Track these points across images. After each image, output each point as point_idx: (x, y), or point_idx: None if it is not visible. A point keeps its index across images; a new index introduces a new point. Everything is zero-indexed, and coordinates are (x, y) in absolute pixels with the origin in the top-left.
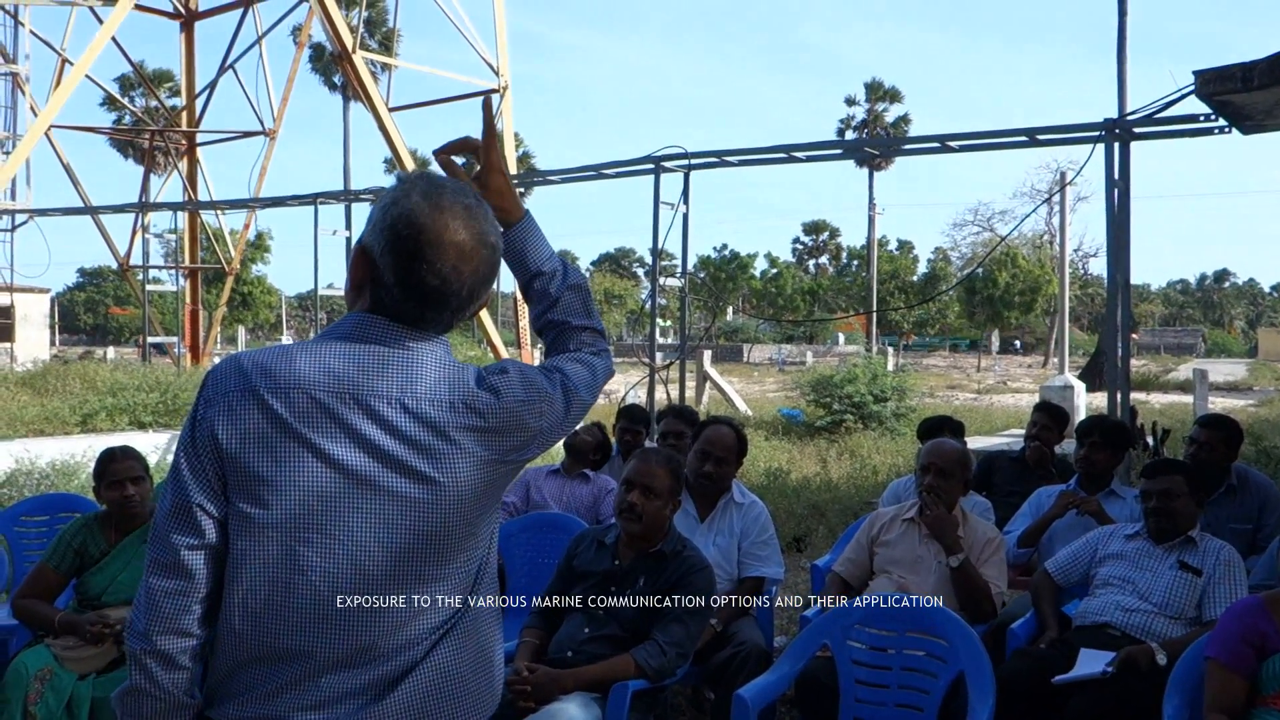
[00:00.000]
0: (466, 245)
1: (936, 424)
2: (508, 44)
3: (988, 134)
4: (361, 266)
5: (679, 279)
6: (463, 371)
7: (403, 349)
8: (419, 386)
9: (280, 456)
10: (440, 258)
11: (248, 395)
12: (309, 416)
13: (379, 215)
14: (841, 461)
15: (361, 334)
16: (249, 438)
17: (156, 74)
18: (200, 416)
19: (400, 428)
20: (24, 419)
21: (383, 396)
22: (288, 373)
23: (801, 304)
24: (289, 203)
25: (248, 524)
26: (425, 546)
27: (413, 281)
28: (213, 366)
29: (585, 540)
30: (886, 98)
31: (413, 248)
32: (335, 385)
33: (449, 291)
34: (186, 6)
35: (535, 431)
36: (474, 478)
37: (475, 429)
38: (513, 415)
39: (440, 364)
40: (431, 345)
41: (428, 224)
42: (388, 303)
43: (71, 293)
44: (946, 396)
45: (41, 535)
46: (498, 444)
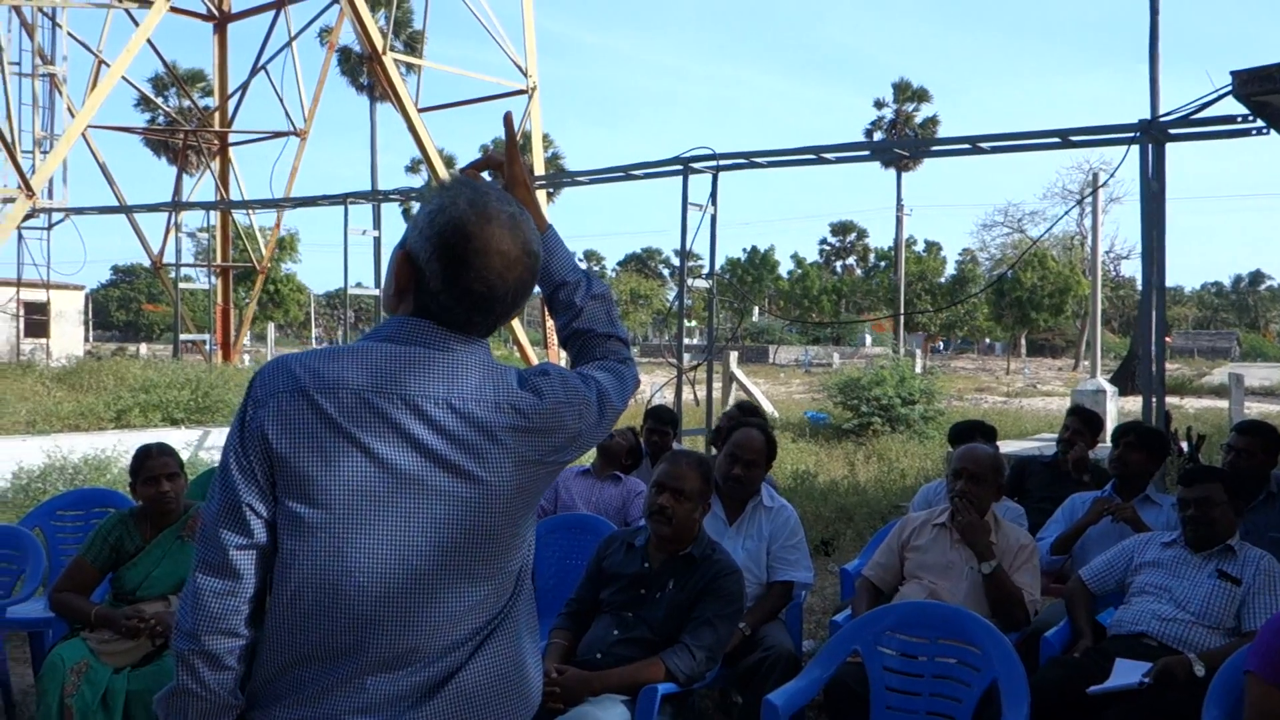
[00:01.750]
0: (511, 253)
1: (968, 429)
2: (536, 45)
3: (1020, 135)
4: (406, 272)
5: (706, 280)
6: (505, 373)
7: (447, 351)
8: (464, 387)
9: (330, 456)
10: (487, 266)
11: (297, 396)
12: (357, 416)
13: (425, 222)
14: (869, 464)
15: (407, 336)
16: (299, 437)
17: (189, 74)
18: (249, 418)
19: (447, 427)
20: (59, 414)
21: (429, 397)
22: (336, 373)
23: (828, 305)
24: (319, 202)
25: (297, 524)
26: (471, 545)
27: (460, 288)
28: (260, 368)
29: (615, 542)
30: (915, 98)
31: (461, 255)
32: (383, 385)
33: (495, 298)
34: (219, 9)
35: (574, 433)
36: (517, 477)
37: (519, 429)
38: (554, 416)
39: (483, 366)
40: (474, 348)
41: (475, 232)
42: (433, 308)
43: (105, 290)
44: (975, 399)
45: (77, 529)
46: (539, 444)
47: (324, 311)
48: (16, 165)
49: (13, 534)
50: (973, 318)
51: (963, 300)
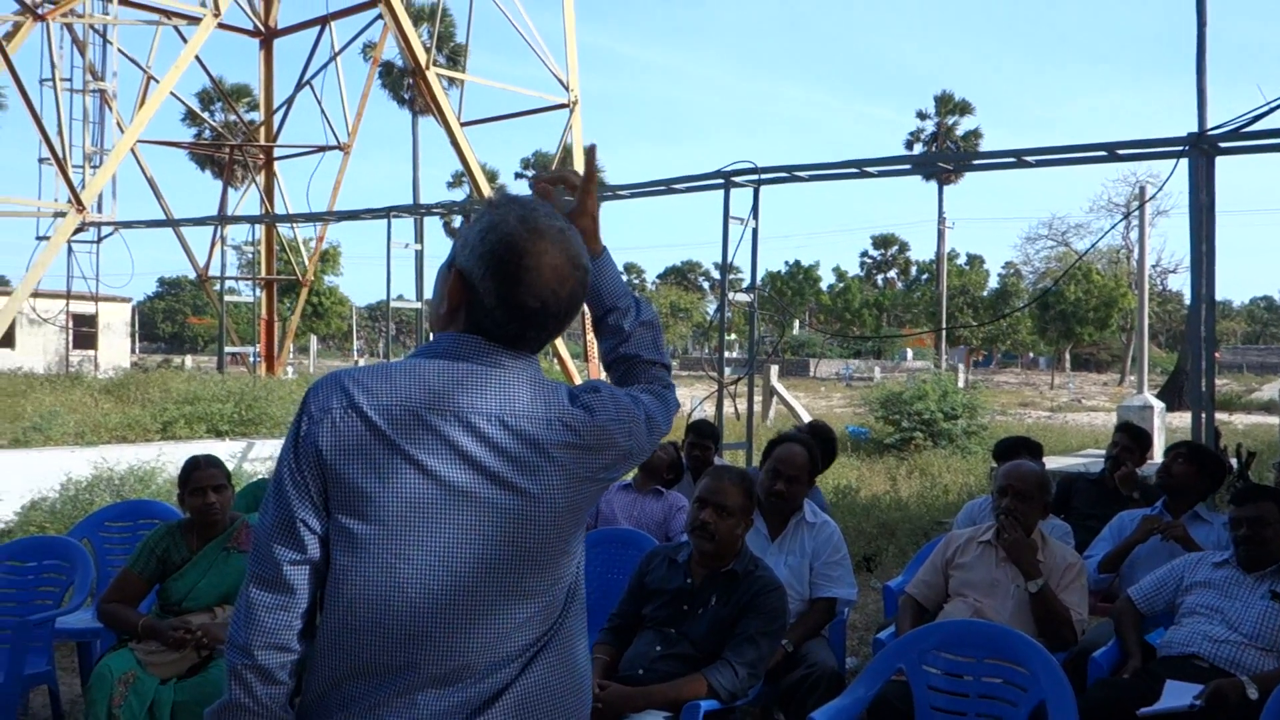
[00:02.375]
0: (563, 268)
1: (1013, 445)
2: (577, 59)
3: (1065, 149)
4: (459, 290)
5: (747, 294)
6: (556, 389)
7: (499, 368)
8: (516, 403)
9: (383, 472)
10: (540, 280)
11: (351, 412)
12: (411, 432)
13: (476, 240)
14: (911, 480)
15: (460, 353)
16: (353, 453)
17: (236, 89)
18: (304, 433)
19: (500, 443)
20: (107, 426)
21: (482, 413)
22: (389, 389)
23: (869, 318)
24: (362, 216)
25: (349, 539)
26: (522, 561)
27: (514, 303)
28: (313, 384)
29: (657, 558)
30: (957, 110)
31: (514, 271)
32: (436, 402)
33: (548, 312)
34: (266, 24)
35: (624, 451)
36: (568, 493)
37: (570, 445)
38: (605, 433)
39: (534, 382)
40: (525, 364)
41: (528, 248)
42: (486, 324)
43: (151, 302)
44: (1019, 414)
45: (124, 540)
46: (590, 461)
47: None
48: (67, 180)
49: (62, 545)
50: (1016, 331)
51: (1007, 315)
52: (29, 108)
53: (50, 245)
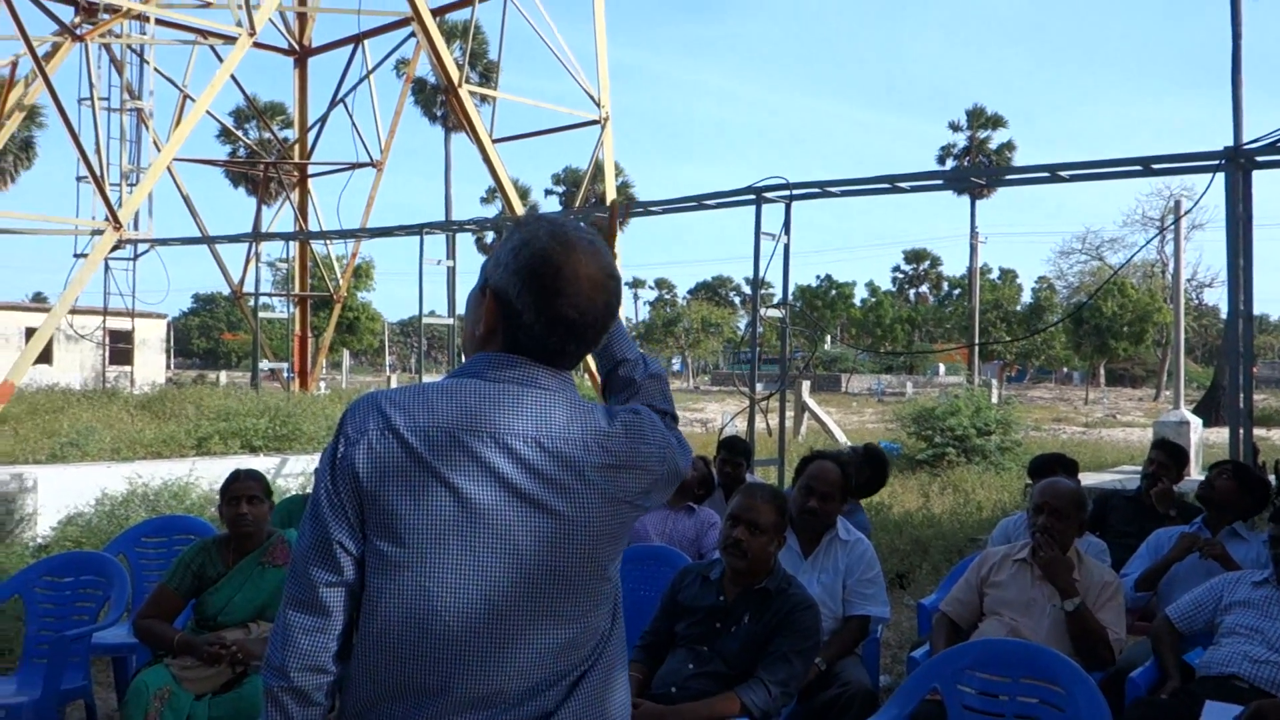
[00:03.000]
0: (598, 277)
1: (1048, 462)
2: (609, 76)
3: (1100, 163)
4: (495, 311)
5: (779, 309)
6: (592, 410)
7: (536, 388)
8: (553, 424)
9: (418, 494)
10: (578, 291)
11: (388, 434)
12: (448, 454)
13: (509, 258)
14: (944, 496)
15: (497, 373)
16: (389, 475)
17: (270, 107)
18: (341, 455)
19: (536, 465)
20: (142, 441)
21: (518, 434)
22: (426, 411)
23: (901, 333)
24: (396, 233)
25: (384, 561)
26: (558, 585)
27: (554, 316)
28: (349, 406)
29: (690, 575)
30: (989, 124)
31: (552, 284)
32: (473, 423)
33: (586, 323)
34: (300, 43)
35: (658, 476)
36: (604, 516)
37: (608, 467)
38: (641, 456)
39: (571, 403)
40: (562, 384)
41: (562, 261)
42: (525, 341)
43: (186, 318)
44: (1053, 430)
45: (160, 556)
46: (627, 484)
47: (398, 339)
48: (105, 198)
49: (98, 560)
50: (1050, 346)
51: (1041, 330)
52: (68, 127)
53: (88, 263)
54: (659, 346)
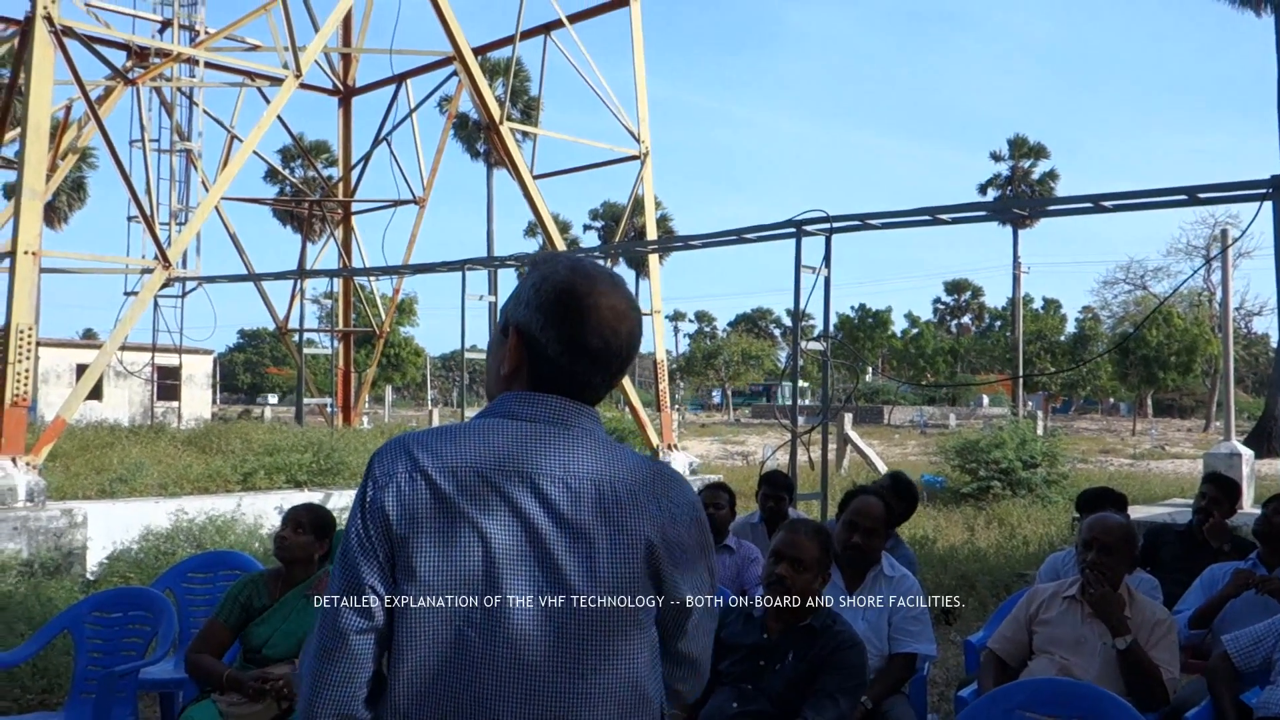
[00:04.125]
0: (621, 307)
1: (1097, 496)
2: (648, 111)
3: (1144, 193)
4: (519, 348)
5: (820, 342)
6: (622, 452)
7: (563, 426)
8: (581, 465)
9: (448, 539)
10: (601, 320)
11: (416, 476)
12: (477, 495)
13: (530, 294)
14: (989, 530)
15: (524, 411)
16: (419, 518)
17: (315, 146)
18: (370, 499)
19: (563, 505)
20: (189, 477)
21: (547, 474)
22: (455, 452)
23: (943, 364)
24: (438, 269)
25: (415, 608)
26: (585, 628)
27: (579, 346)
28: (378, 449)
29: (733, 612)
30: (1031, 154)
31: (575, 314)
32: (500, 462)
33: (611, 352)
34: (344, 83)
35: (690, 547)
36: (636, 561)
37: (633, 510)
38: (673, 505)
39: (599, 442)
40: (590, 421)
41: (584, 291)
42: (551, 374)
43: (232, 353)
44: (1101, 462)
45: (206, 592)
46: (652, 528)
47: (439, 374)
48: (155, 238)
49: (146, 597)
50: (1096, 377)
51: (1086, 362)
52: (119, 168)
53: (138, 301)
54: (699, 379)
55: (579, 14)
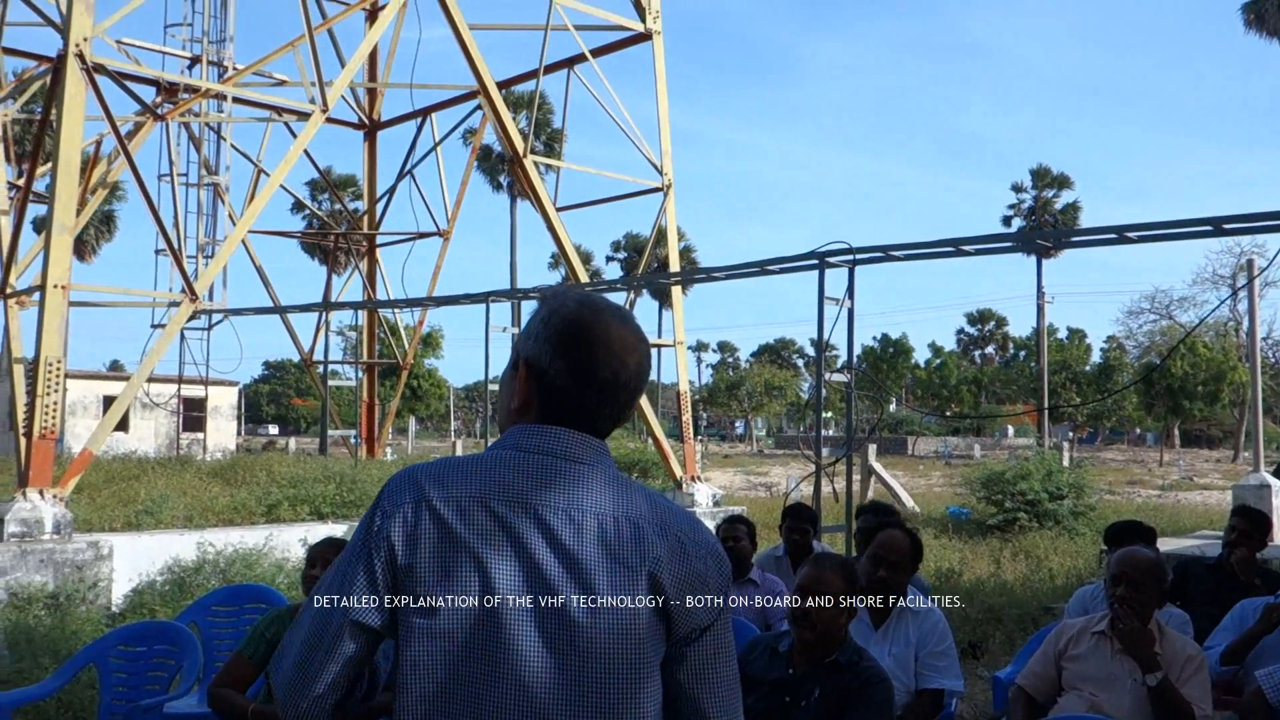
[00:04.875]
0: (629, 338)
1: (1126, 529)
2: (671, 143)
3: (1169, 224)
4: (528, 381)
5: (844, 374)
6: (631, 488)
7: (570, 460)
8: (586, 499)
9: (451, 568)
10: (609, 352)
11: (422, 507)
12: (480, 527)
13: (539, 328)
14: (1016, 562)
15: (531, 444)
16: (421, 550)
17: (341, 179)
18: (376, 528)
19: (567, 539)
20: (214, 509)
21: (551, 506)
22: (460, 483)
23: (967, 395)
24: (461, 301)
25: (417, 636)
26: (590, 665)
27: (587, 377)
28: (388, 480)
29: (758, 647)
30: (1054, 184)
31: (583, 345)
32: (505, 494)
33: (619, 383)
34: (370, 118)
35: (700, 585)
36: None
37: (638, 547)
38: (681, 543)
39: (607, 479)
40: (598, 455)
41: (591, 323)
42: (559, 407)
43: (257, 384)
44: (1128, 493)
45: (231, 625)
46: (655, 564)
47: (463, 405)
48: (182, 271)
49: (171, 631)
50: (1121, 407)
51: (1112, 394)
52: (147, 202)
53: (165, 334)
54: (722, 410)
55: (602, 48)
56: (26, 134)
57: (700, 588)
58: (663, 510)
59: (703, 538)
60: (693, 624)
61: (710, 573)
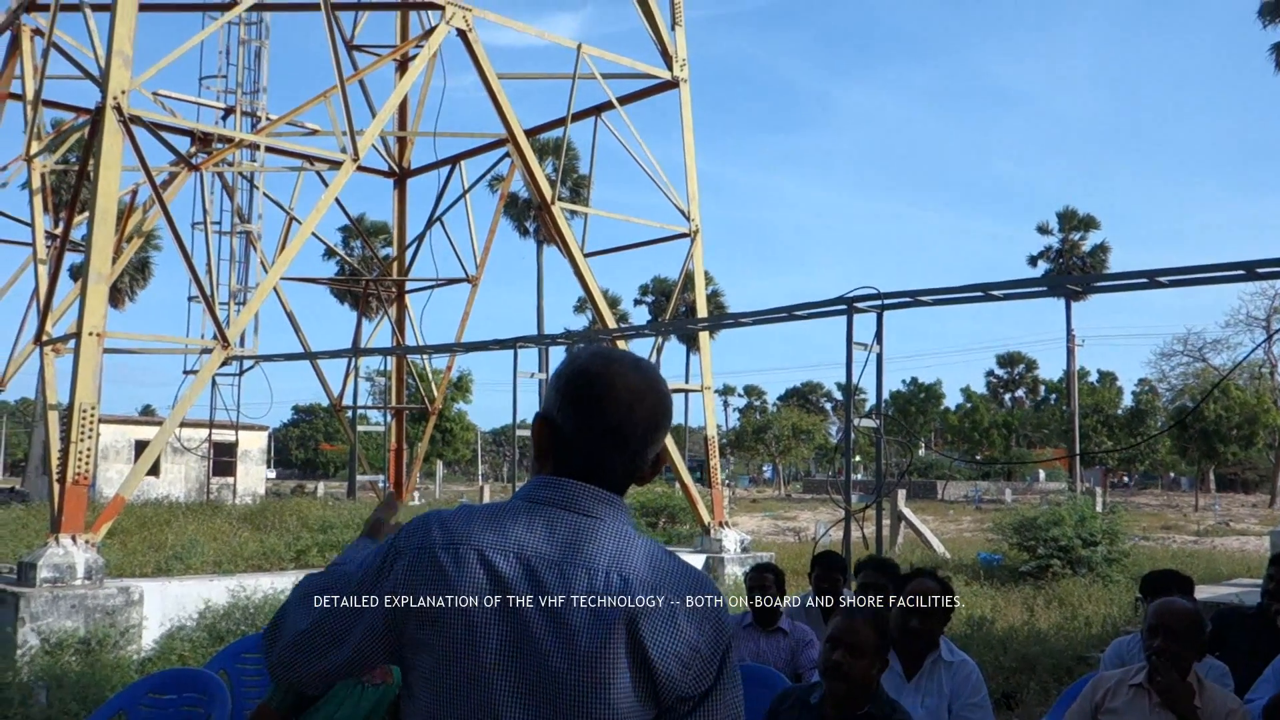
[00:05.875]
0: (637, 387)
1: (1162, 579)
2: (698, 189)
3: (1201, 268)
4: (542, 432)
5: (873, 420)
6: (632, 543)
7: (573, 511)
8: (583, 551)
9: (440, 618)
10: (615, 399)
11: (424, 552)
12: (473, 577)
13: (553, 383)
14: (1050, 610)
15: (543, 495)
16: (418, 593)
17: (371, 226)
18: (383, 565)
19: (552, 590)
20: (244, 555)
21: (544, 558)
22: (465, 532)
23: (998, 439)
24: (490, 346)
25: (418, 673)
26: (564, 710)
27: (591, 425)
28: (408, 523)
29: (789, 699)
30: (1081, 226)
31: (589, 394)
32: (505, 545)
33: (625, 432)
34: (400, 165)
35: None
36: (616, 653)
37: (626, 602)
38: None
39: (610, 533)
40: (606, 508)
41: (600, 372)
42: (568, 457)
43: (286, 428)
44: (1162, 539)
45: (260, 673)
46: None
47: (490, 449)
48: (215, 318)
49: (201, 679)
50: (1154, 451)
51: (1146, 440)
52: (182, 251)
53: (197, 381)
54: (749, 454)
55: (629, 95)
56: (64, 183)
57: (689, 654)
58: (662, 570)
59: (700, 603)
60: (680, 692)
61: (703, 641)
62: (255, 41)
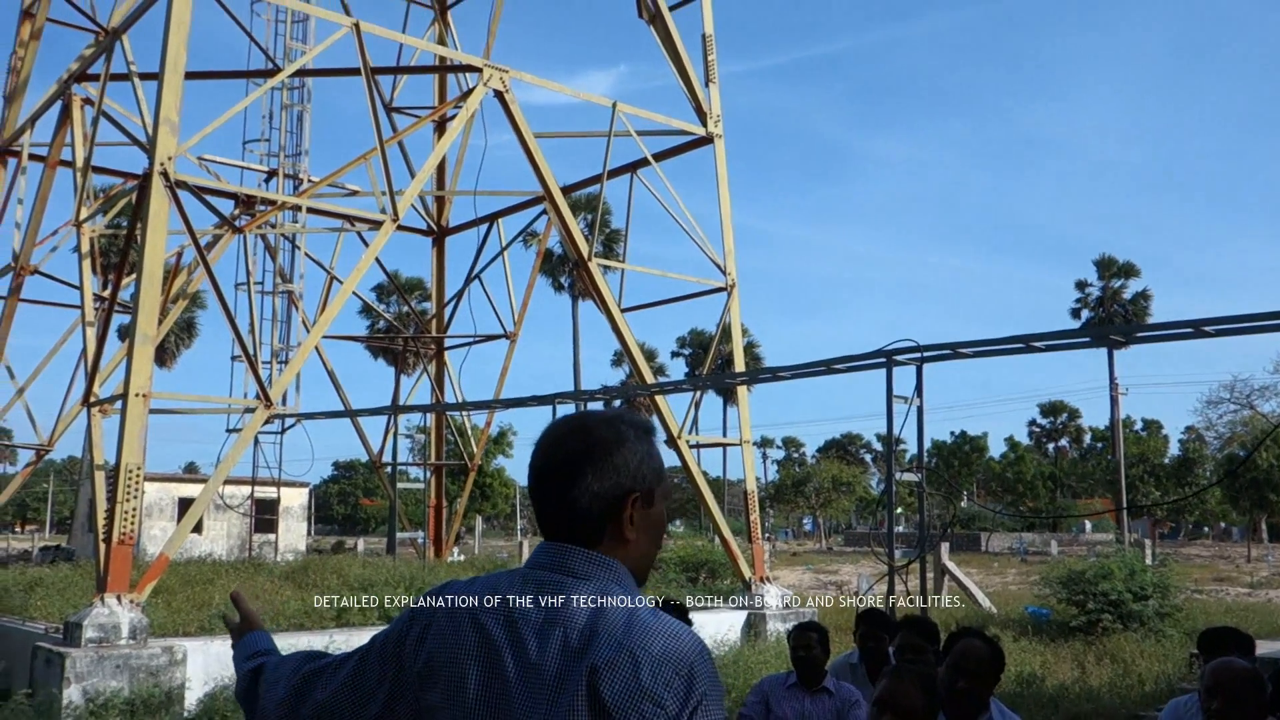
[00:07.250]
0: (559, 431)
1: (1220, 637)
2: (734, 243)
3: (1247, 318)
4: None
5: (915, 474)
6: (609, 602)
7: (565, 575)
8: (561, 614)
9: (435, 680)
10: (539, 448)
11: (429, 621)
12: (465, 641)
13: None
14: (1101, 667)
15: (536, 560)
16: (422, 658)
17: (409, 283)
18: (399, 634)
19: (530, 651)
20: (286, 613)
21: (530, 621)
22: (467, 599)
23: (1043, 489)
24: (529, 403)
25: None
26: None
27: (532, 489)
28: (428, 590)
29: None
30: (1121, 273)
31: (532, 461)
32: (497, 609)
33: (539, 476)
34: (438, 224)
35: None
36: (580, 711)
37: (582, 661)
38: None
39: (595, 592)
40: (600, 571)
41: (543, 439)
42: (540, 526)
43: (326, 484)
44: (1215, 592)
45: None
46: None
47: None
48: (257, 377)
49: None
50: (1204, 501)
51: (1196, 492)
52: (225, 312)
53: (240, 440)
54: (789, 506)
55: (664, 152)
56: (112, 247)
57: (650, 709)
58: (637, 628)
59: (669, 657)
60: None
61: (666, 694)
62: (297, 106)
